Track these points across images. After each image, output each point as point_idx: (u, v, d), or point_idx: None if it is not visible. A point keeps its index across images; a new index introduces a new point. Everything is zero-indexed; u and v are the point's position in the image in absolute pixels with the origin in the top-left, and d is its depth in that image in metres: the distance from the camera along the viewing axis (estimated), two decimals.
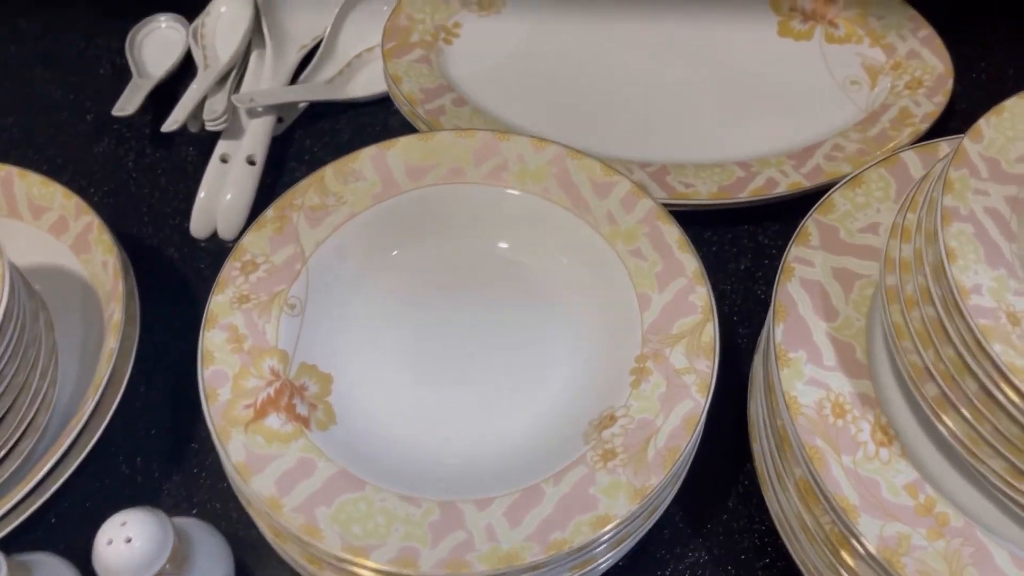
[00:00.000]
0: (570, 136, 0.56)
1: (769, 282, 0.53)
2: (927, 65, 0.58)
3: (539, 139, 0.48)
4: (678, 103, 0.60)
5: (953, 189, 0.38)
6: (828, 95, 0.59)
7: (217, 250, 0.55)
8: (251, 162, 0.56)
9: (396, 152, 0.47)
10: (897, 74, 0.58)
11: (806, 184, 0.53)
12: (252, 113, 0.59)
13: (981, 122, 0.39)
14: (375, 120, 0.62)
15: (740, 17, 0.63)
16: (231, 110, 0.58)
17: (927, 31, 0.60)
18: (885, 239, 0.43)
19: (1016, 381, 0.33)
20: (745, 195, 0.53)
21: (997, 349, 0.34)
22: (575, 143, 0.55)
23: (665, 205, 0.47)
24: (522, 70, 0.62)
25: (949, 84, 0.57)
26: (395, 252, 0.47)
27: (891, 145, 0.54)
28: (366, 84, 0.62)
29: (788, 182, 0.53)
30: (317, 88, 0.61)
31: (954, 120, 0.59)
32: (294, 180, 0.57)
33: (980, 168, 0.39)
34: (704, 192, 0.53)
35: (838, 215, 0.46)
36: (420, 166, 0.47)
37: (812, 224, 0.45)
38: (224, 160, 0.57)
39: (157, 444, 0.47)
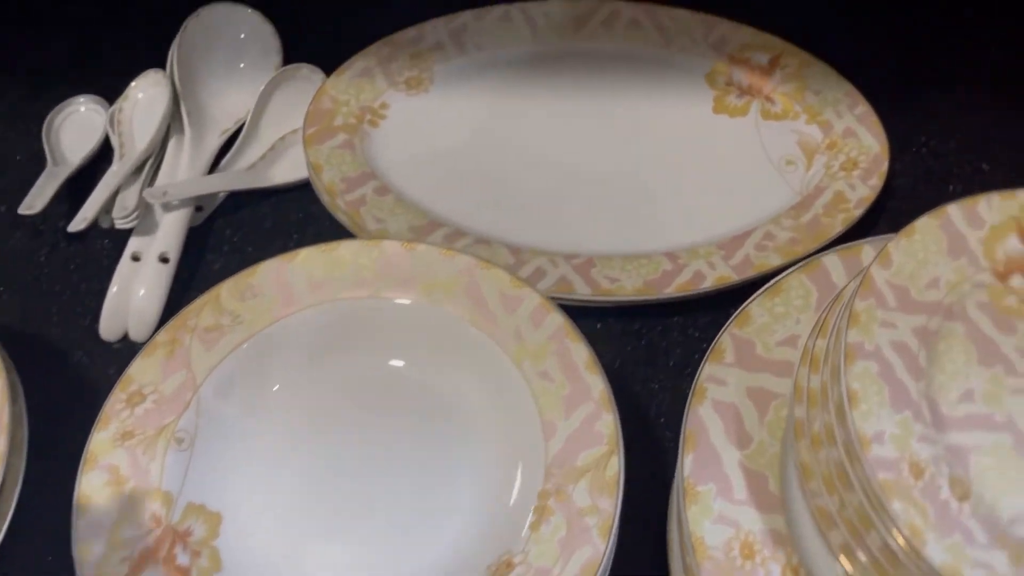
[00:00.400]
0: (496, 226, 0.55)
1: None
2: (863, 145, 0.57)
3: (449, 249, 0.46)
4: (608, 189, 0.58)
5: (859, 322, 0.36)
6: (763, 177, 0.57)
7: (129, 353, 0.53)
8: (164, 260, 0.55)
9: (297, 266, 0.45)
10: (833, 154, 0.57)
11: (734, 278, 0.51)
12: (167, 207, 0.57)
13: (890, 246, 0.38)
14: (299, 207, 0.60)
15: (675, 93, 0.61)
16: (143, 205, 0.57)
17: (864, 108, 0.59)
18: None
19: (916, 543, 0.32)
20: (671, 290, 0.51)
21: (896, 508, 0.32)
22: (501, 233, 0.54)
23: (589, 302, 0.45)
24: (449, 155, 0.60)
25: (884, 166, 0.55)
26: (294, 374, 0.46)
27: (823, 233, 0.52)
28: (290, 169, 0.60)
29: (715, 276, 0.52)
30: (237, 176, 0.60)
31: (892, 199, 0.57)
32: (212, 275, 0.56)
33: (888, 297, 0.37)
34: (629, 287, 0.51)
35: (755, 328, 0.44)
36: (323, 280, 0.46)
37: (727, 339, 0.44)
38: (136, 258, 0.55)
39: None
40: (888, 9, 0.66)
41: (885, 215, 0.56)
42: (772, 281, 0.45)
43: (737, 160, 0.58)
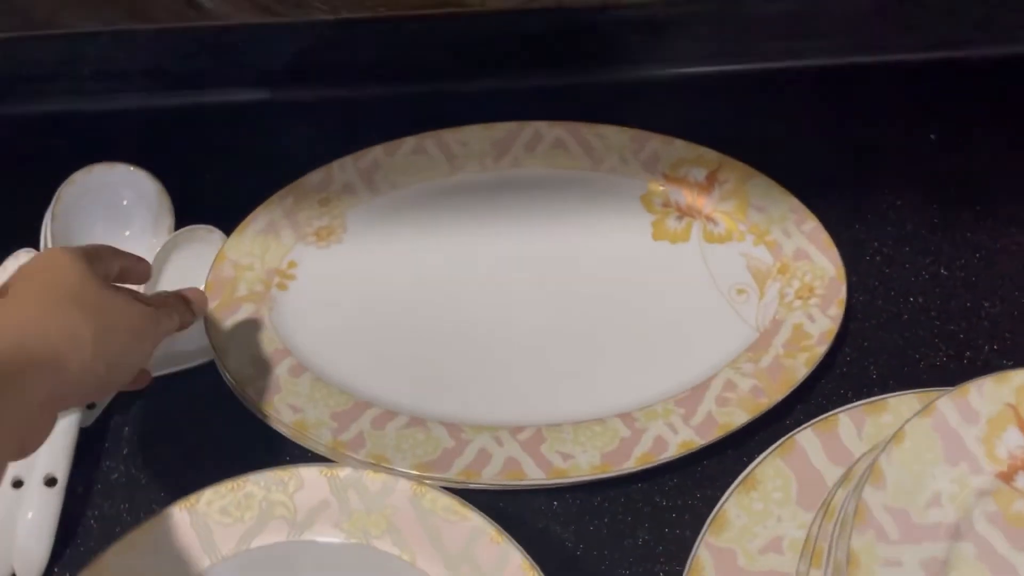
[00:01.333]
0: (430, 400, 0.50)
1: (673, 558, 0.46)
2: (817, 267, 0.53)
3: (378, 469, 0.40)
4: (550, 344, 0.53)
5: (859, 565, 0.32)
6: (714, 310, 0.53)
7: None
8: (51, 482, 0.48)
9: (199, 514, 0.39)
10: (786, 279, 0.53)
11: (698, 442, 0.47)
12: None
13: (882, 460, 0.34)
14: (209, 388, 0.53)
15: (611, 221, 0.57)
16: None
17: (813, 224, 0.55)
18: (790, 559, 0.37)
19: None
20: (631, 464, 0.46)
21: None
22: (437, 407, 0.49)
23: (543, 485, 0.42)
24: (369, 315, 0.54)
25: (842, 292, 0.52)
26: None
27: (788, 380, 0.48)
28: (193, 346, 0.54)
29: (678, 441, 0.47)
30: None
31: (853, 319, 0.53)
32: (111, 489, 0.49)
33: (887, 527, 0.33)
34: (585, 464, 0.46)
35: (734, 533, 0.39)
36: (232, 524, 0.39)
37: (705, 553, 0.39)
38: (17, 484, 0.48)
39: None
40: (816, 114, 0.63)
41: (849, 338, 0.52)
42: (746, 471, 0.40)
43: (685, 293, 0.54)
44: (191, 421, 0.52)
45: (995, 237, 0.56)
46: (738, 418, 0.47)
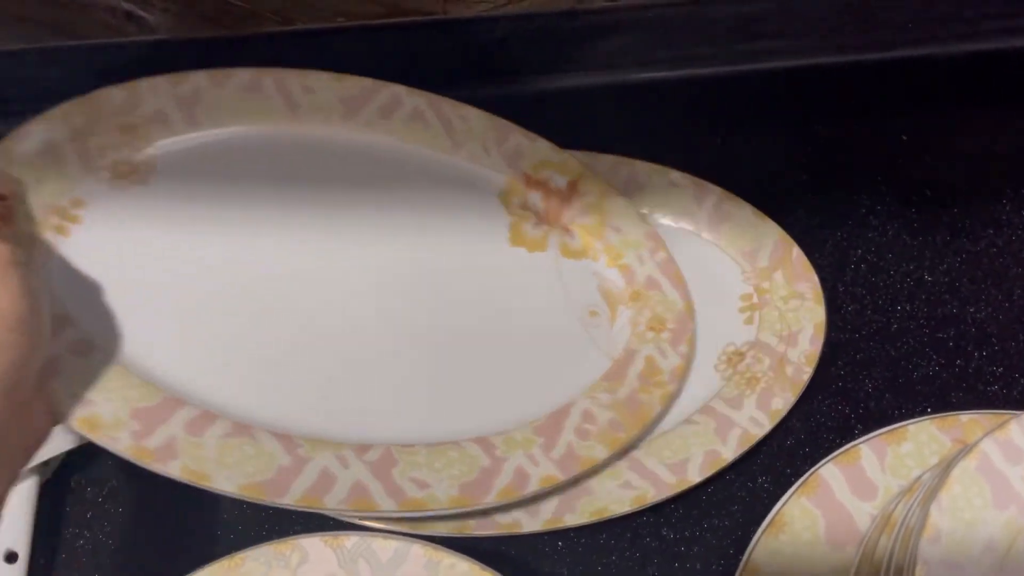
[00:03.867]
0: (256, 403, 0.41)
1: None
2: (667, 300, 0.49)
3: (388, 535, 0.37)
4: (394, 352, 0.45)
5: None
6: (568, 332, 0.48)
7: None
8: (11, 558, 0.42)
9: None
10: (638, 307, 0.49)
11: (560, 477, 0.42)
12: None
13: (933, 511, 0.32)
14: None
15: (467, 214, 0.50)
16: None
17: (664, 255, 0.50)
18: None
19: None
20: (492, 497, 0.41)
21: None
22: (265, 414, 0.41)
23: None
24: (178, 288, 0.43)
25: (691, 328, 0.48)
26: None
27: (644, 415, 0.45)
28: None
29: (540, 475, 0.42)
30: None
31: (844, 332, 0.51)
32: (78, 563, 0.44)
33: None
34: (443, 496, 0.41)
35: None
36: None
37: None
38: None
39: None
40: (783, 119, 0.61)
41: (841, 351, 0.50)
42: (772, 512, 0.38)
43: (539, 307, 0.48)
44: (156, 478, 0.47)
45: (974, 240, 0.55)
46: (598, 452, 0.44)
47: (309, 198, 0.48)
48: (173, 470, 0.38)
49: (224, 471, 0.38)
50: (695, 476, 0.43)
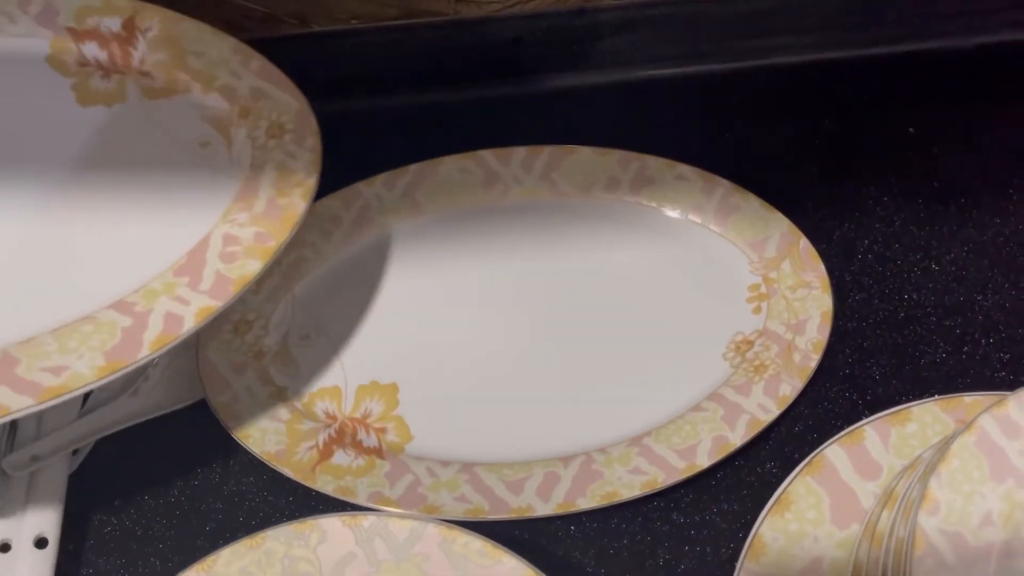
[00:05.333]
0: None
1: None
2: (279, 104, 0.47)
3: (405, 516, 0.38)
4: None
5: None
6: (181, 169, 0.46)
7: None
8: (41, 543, 0.44)
9: (219, 573, 0.36)
10: (251, 121, 0.47)
11: (217, 304, 0.40)
12: (32, 477, 0.45)
13: (932, 484, 0.32)
14: (201, 428, 0.49)
15: (14, 96, 0.47)
16: (2, 478, 0.45)
17: (259, 62, 0.48)
18: None
19: None
20: (146, 350, 0.38)
21: None
22: None
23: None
24: None
25: (312, 123, 0.46)
26: None
27: (290, 217, 0.43)
28: (186, 387, 0.50)
29: (194, 311, 0.40)
30: (119, 408, 0.49)
31: (851, 321, 0.52)
32: (106, 549, 0.45)
33: (945, 552, 0.32)
34: (87, 370, 0.38)
35: (773, 558, 0.38)
36: None
37: None
38: (4, 549, 0.44)
39: None
40: (791, 114, 0.62)
41: (848, 339, 0.51)
42: (778, 491, 0.39)
43: (150, 156, 0.46)
44: (184, 464, 0.48)
45: (981, 229, 0.56)
46: (251, 267, 0.41)
47: None
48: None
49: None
50: (704, 461, 0.44)
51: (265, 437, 0.45)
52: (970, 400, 0.41)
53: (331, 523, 0.39)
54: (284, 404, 0.46)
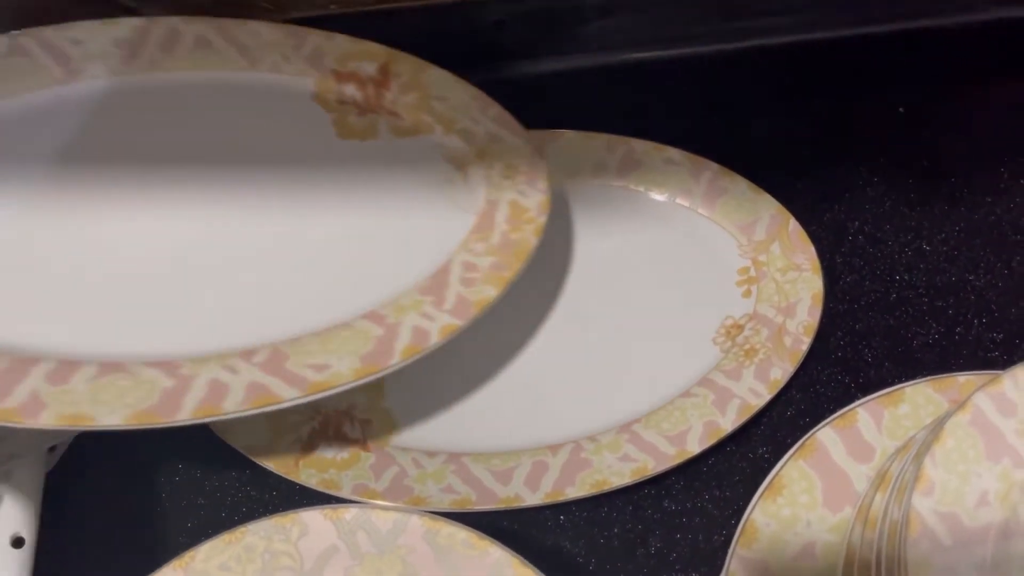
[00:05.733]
0: (100, 341, 0.41)
1: (688, 564, 0.44)
2: (512, 148, 0.50)
3: (384, 507, 0.37)
4: (254, 265, 0.46)
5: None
6: (424, 201, 0.49)
7: None
8: (17, 543, 0.43)
9: (197, 568, 0.35)
10: (487, 163, 0.50)
11: (459, 323, 0.43)
12: (8, 474, 0.45)
13: (927, 463, 0.32)
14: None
15: (287, 123, 0.50)
16: None
17: (495, 109, 0.52)
18: (824, 565, 0.35)
19: None
20: (397, 359, 0.41)
21: None
22: (119, 349, 0.40)
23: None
24: None
25: (543, 167, 0.49)
26: None
27: (523, 249, 0.46)
28: None
29: (439, 327, 0.43)
30: None
31: (843, 302, 0.52)
32: (84, 550, 0.45)
33: (940, 534, 0.31)
34: (346, 370, 0.40)
35: (765, 543, 0.38)
36: None
37: (737, 565, 0.37)
38: None
39: None
40: (779, 95, 0.61)
41: (840, 321, 0.51)
42: (770, 476, 0.38)
43: (391, 186, 0.49)
44: (165, 460, 0.48)
45: (973, 209, 0.55)
46: (488, 292, 0.44)
47: (108, 148, 0.48)
48: (46, 420, 0.38)
49: (103, 408, 0.38)
50: (695, 447, 0.44)
51: (247, 431, 0.44)
52: (963, 380, 0.40)
53: (312, 516, 0.38)
54: None
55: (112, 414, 0.38)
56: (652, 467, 0.44)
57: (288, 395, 0.40)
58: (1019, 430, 0.32)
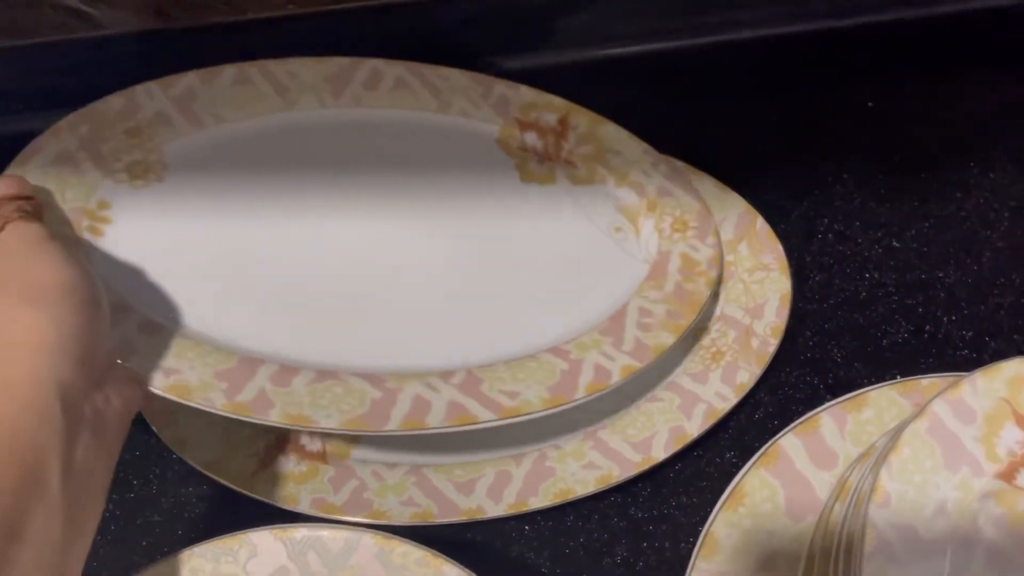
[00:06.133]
0: (331, 351, 0.43)
1: (654, 573, 0.44)
2: (683, 202, 0.51)
3: (337, 526, 0.36)
4: (435, 288, 0.47)
5: None
6: (598, 246, 0.50)
7: None
8: None
9: None
10: (657, 215, 0.51)
11: (637, 365, 0.44)
12: None
13: (883, 475, 0.31)
14: (139, 438, 0.48)
15: (473, 163, 0.53)
16: None
17: (665, 165, 0.53)
18: None
19: None
20: (581, 393, 0.43)
21: None
22: (341, 358, 0.42)
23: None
24: (217, 266, 0.45)
25: (712, 222, 0.50)
26: None
27: (696, 301, 0.47)
28: None
29: (619, 367, 0.44)
30: None
31: (812, 302, 0.51)
32: None
33: (895, 547, 0.30)
34: (535, 399, 0.42)
35: (726, 555, 0.37)
36: None
37: None
38: None
39: None
40: (747, 90, 0.61)
41: (809, 320, 0.50)
42: (731, 485, 0.38)
43: (566, 233, 0.51)
44: (118, 476, 0.46)
45: (942, 204, 0.54)
46: (665, 339, 0.45)
47: (322, 169, 0.50)
48: (275, 418, 0.40)
49: (322, 411, 0.41)
50: (660, 453, 0.43)
51: (203, 445, 0.43)
52: (927, 383, 0.40)
53: (262, 537, 0.37)
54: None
55: (329, 418, 0.40)
56: (617, 475, 0.43)
57: (484, 417, 0.42)
58: (978, 437, 0.32)
